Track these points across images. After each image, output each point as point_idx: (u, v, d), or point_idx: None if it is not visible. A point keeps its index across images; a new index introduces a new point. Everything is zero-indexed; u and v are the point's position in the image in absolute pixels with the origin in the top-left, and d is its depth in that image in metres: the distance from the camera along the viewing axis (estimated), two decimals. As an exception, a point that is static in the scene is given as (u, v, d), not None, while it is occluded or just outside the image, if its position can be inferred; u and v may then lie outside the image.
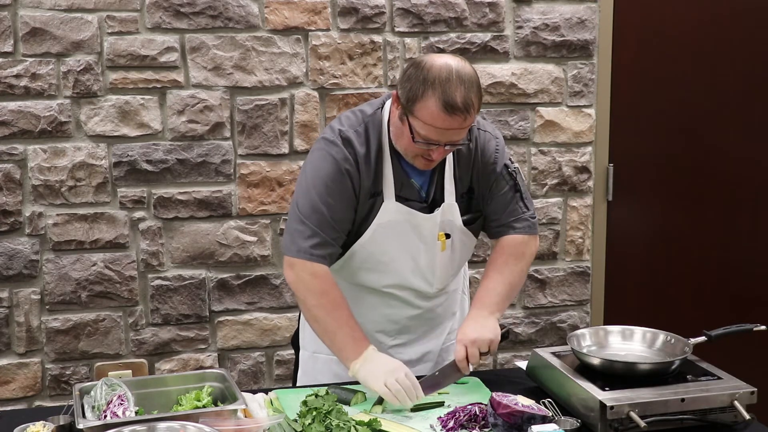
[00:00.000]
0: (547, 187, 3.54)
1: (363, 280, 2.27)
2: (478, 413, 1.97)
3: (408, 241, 2.22)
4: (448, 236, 2.25)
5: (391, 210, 2.18)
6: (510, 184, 2.27)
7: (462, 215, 2.26)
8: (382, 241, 2.21)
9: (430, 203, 2.23)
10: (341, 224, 2.17)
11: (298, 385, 2.43)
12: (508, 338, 2.27)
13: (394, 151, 2.18)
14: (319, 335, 2.20)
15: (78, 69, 3.12)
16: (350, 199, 2.16)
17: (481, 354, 2.15)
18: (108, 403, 1.90)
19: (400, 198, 2.19)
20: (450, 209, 2.23)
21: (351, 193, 2.15)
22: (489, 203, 2.28)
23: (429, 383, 2.14)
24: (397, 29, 3.32)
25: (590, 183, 3.59)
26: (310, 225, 2.14)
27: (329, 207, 2.13)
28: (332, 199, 2.14)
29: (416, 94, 2.01)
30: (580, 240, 3.60)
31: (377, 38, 3.31)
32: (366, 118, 2.19)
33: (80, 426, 1.80)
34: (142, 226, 3.25)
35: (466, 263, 2.50)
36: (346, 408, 2.01)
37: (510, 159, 2.29)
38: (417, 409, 2.07)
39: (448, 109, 1.98)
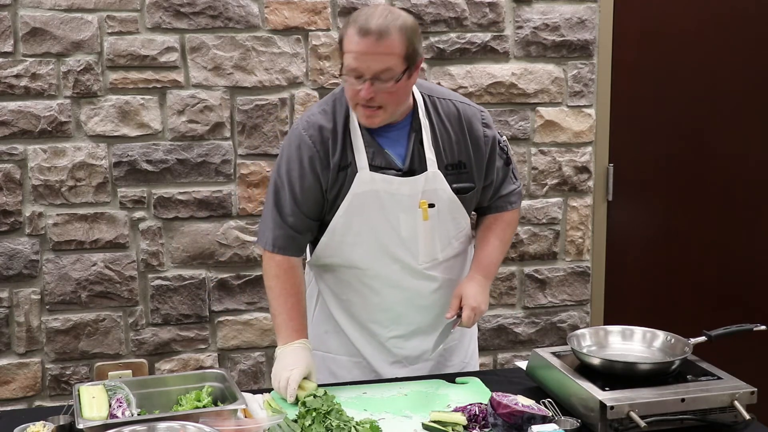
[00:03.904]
0: (547, 187, 3.54)
1: (351, 257, 2.28)
2: (478, 413, 1.97)
3: (387, 210, 2.22)
4: (431, 206, 2.24)
5: (365, 180, 2.19)
6: (504, 159, 2.35)
7: (451, 185, 2.25)
8: (360, 212, 2.21)
9: (407, 173, 2.22)
10: (310, 213, 2.24)
11: None
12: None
13: None
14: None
15: (78, 69, 3.12)
16: (316, 190, 2.21)
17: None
18: (108, 406, 1.90)
19: (374, 167, 2.20)
20: (434, 177, 2.23)
21: (317, 183, 2.21)
22: (487, 176, 2.32)
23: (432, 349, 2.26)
24: (397, 29, 3.32)
25: (590, 183, 3.59)
26: (280, 217, 2.25)
27: (291, 197, 2.22)
28: (300, 193, 2.22)
29: (343, 32, 2.10)
30: (580, 240, 3.60)
31: (377, 38, 3.31)
32: (335, 95, 2.26)
33: (80, 426, 1.80)
34: (142, 226, 3.25)
35: (471, 252, 2.45)
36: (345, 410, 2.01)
37: (498, 132, 2.35)
38: (418, 409, 2.07)
39: (361, 32, 2.04)
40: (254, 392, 2.17)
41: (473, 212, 2.41)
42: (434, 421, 1.95)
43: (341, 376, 2.36)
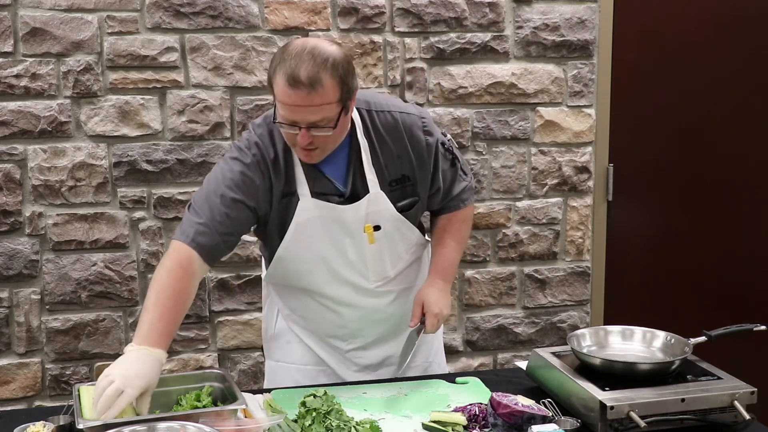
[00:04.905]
0: (547, 187, 3.54)
1: (303, 282, 2.24)
2: (478, 413, 1.97)
3: (333, 236, 2.17)
4: (377, 228, 2.18)
5: (308, 207, 2.13)
6: (449, 160, 2.28)
7: (395, 203, 2.19)
8: (306, 239, 2.16)
9: (350, 196, 2.16)
10: (233, 220, 2.07)
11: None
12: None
13: None
14: None
15: (78, 69, 3.12)
16: (251, 201, 2.08)
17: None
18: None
19: (315, 194, 2.13)
20: (377, 198, 2.17)
21: (253, 196, 2.08)
22: (433, 185, 2.25)
23: (399, 364, 2.21)
24: (397, 29, 3.32)
25: (590, 183, 3.59)
26: (199, 212, 2.06)
27: (223, 199, 2.05)
28: (231, 192, 2.06)
29: (272, 73, 1.98)
30: (580, 240, 3.60)
31: (377, 38, 3.31)
32: (268, 119, 2.13)
33: (80, 426, 1.80)
34: (142, 226, 3.25)
35: (426, 256, 2.41)
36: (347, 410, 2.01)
37: (442, 132, 2.28)
38: (418, 409, 2.07)
39: (291, 82, 1.92)
40: (254, 392, 2.16)
41: (427, 212, 2.37)
42: (434, 421, 1.95)
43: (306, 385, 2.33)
